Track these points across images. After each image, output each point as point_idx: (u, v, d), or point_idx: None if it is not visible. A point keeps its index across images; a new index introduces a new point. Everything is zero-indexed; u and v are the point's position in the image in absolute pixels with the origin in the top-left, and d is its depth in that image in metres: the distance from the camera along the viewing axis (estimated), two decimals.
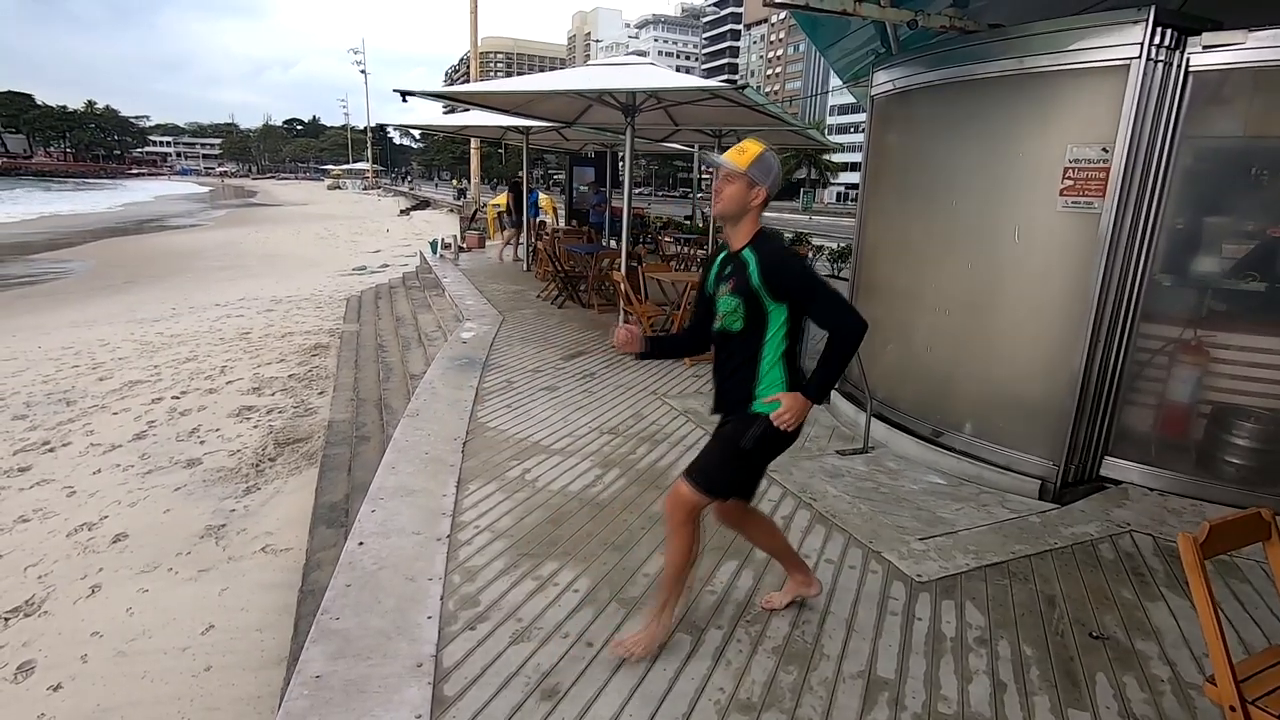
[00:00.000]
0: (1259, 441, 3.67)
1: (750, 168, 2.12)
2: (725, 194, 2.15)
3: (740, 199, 2.14)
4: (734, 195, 2.14)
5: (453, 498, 3.45)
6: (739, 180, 2.13)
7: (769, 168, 2.14)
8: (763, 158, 2.13)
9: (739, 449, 2.21)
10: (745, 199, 2.14)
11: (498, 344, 6.73)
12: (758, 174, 2.13)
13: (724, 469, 2.26)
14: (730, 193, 2.14)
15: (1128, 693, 2.30)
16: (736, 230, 2.21)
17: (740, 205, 2.15)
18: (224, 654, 3.46)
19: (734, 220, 2.19)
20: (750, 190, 2.14)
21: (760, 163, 2.13)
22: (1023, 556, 3.14)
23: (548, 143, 14.56)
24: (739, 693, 2.23)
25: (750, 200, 2.15)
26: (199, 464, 5.73)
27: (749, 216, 2.18)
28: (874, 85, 4.92)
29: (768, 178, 2.14)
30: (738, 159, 2.13)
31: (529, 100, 8.62)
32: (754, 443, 2.18)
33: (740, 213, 2.17)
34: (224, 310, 12.40)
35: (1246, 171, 3.76)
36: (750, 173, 2.12)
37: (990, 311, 4.06)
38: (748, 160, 2.12)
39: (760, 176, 2.13)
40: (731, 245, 2.24)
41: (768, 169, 2.14)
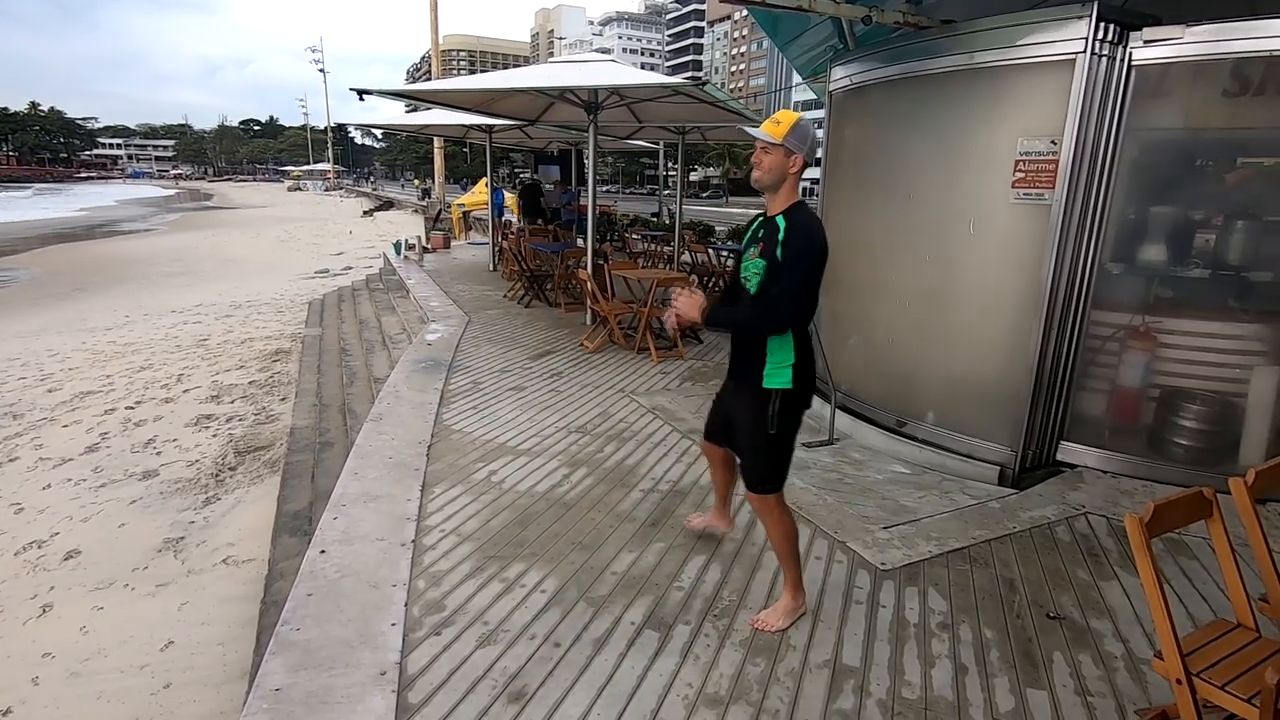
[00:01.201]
0: (1204, 423, 3.80)
1: (787, 137, 2.22)
2: (765, 164, 2.26)
3: (779, 168, 2.25)
4: (773, 164, 2.25)
5: (417, 502, 3.41)
6: (776, 150, 2.24)
7: (805, 134, 2.25)
8: (799, 126, 2.23)
9: (770, 436, 2.37)
10: (784, 167, 2.25)
11: (464, 345, 6.66)
12: (794, 143, 2.23)
13: (773, 463, 2.44)
14: (769, 162, 2.25)
15: (1083, 670, 2.37)
16: (775, 197, 2.31)
17: (779, 174, 2.26)
18: (184, 670, 3.37)
19: (773, 188, 2.29)
20: (788, 159, 2.25)
21: (796, 131, 2.23)
22: (983, 541, 3.21)
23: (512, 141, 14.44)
24: (707, 686, 2.24)
25: (789, 168, 2.26)
26: (155, 475, 5.57)
27: (788, 184, 2.29)
28: (832, 81, 4.97)
29: (804, 145, 2.25)
30: (774, 130, 2.23)
31: (490, 98, 8.53)
32: (777, 423, 2.36)
33: (779, 181, 2.27)
34: (180, 317, 12.06)
35: (1189, 162, 3.89)
36: (787, 142, 2.23)
37: (948, 302, 4.14)
38: (784, 130, 2.23)
39: (797, 145, 2.24)
40: (769, 211, 2.35)
41: (804, 136, 2.25)
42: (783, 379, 2.33)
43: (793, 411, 2.38)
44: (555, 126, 10.77)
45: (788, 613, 2.54)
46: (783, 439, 2.41)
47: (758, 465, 2.46)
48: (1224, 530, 1.97)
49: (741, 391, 2.46)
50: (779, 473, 2.46)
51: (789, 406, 2.36)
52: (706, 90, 6.36)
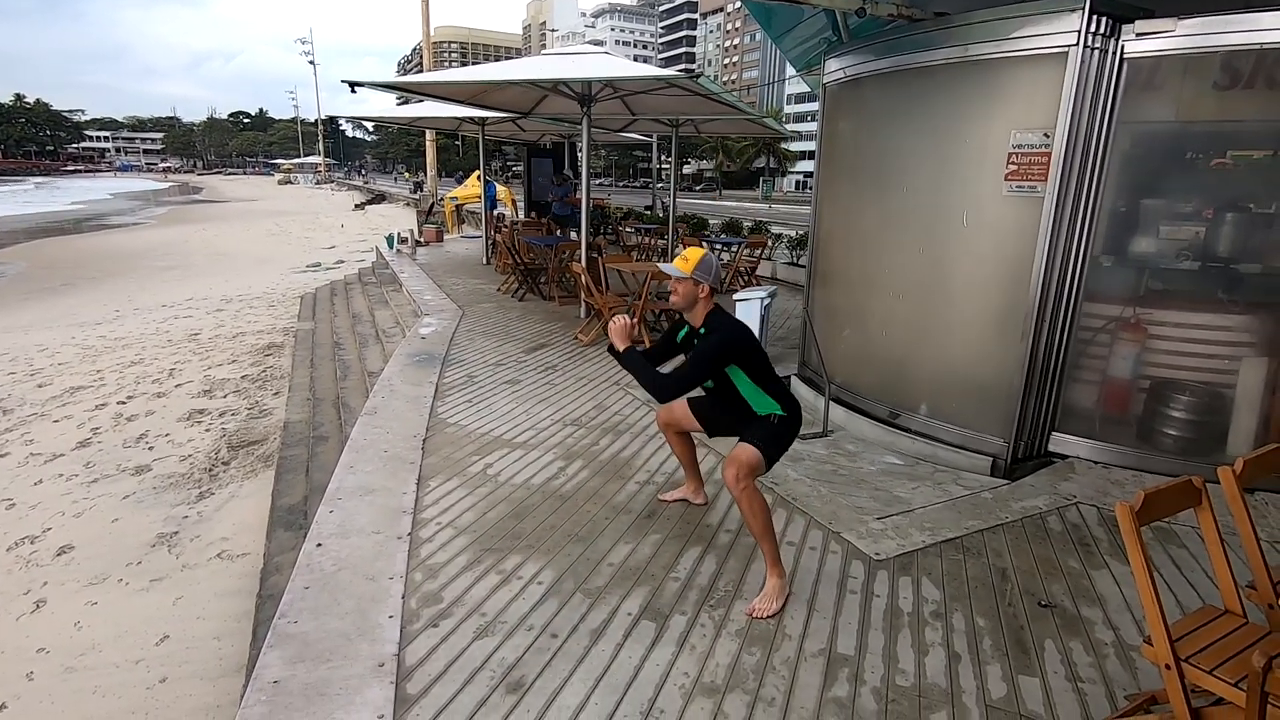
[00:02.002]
0: (1193, 413, 3.84)
1: (695, 271, 2.69)
2: (679, 292, 2.73)
3: (690, 294, 2.73)
4: (686, 293, 2.73)
5: (413, 495, 3.41)
6: (686, 282, 2.71)
7: (709, 267, 2.72)
8: (703, 262, 2.70)
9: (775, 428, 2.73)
10: (694, 293, 2.73)
11: (458, 339, 6.64)
12: (701, 275, 2.70)
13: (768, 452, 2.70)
14: (683, 291, 2.72)
15: (1074, 657, 2.40)
16: (693, 314, 2.79)
17: (691, 299, 2.74)
18: (180, 664, 3.37)
19: (689, 309, 2.78)
20: (697, 287, 2.72)
21: (701, 265, 2.70)
22: (976, 531, 3.24)
23: (504, 134, 14.38)
24: (703, 676, 2.26)
25: (698, 294, 2.73)
26: (148, 470, 5.54)
27: (700, 304, 2.76)
28: (826, 73, 4.97)
29: (709, 275, 2.72)
30: (683, 267, 2.70)
31: (483, 90, 8.48)
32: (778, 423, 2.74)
33: (693, 304, 2.76)
34: (171, 311, 11.99)
35: (1179, 155, 3.91)
36: (695, 275, 2.70)
37: (942, 295, 4.16)
38: (691, 266, 2.69)
39: (703, 276, 2.71)
40: (694, 324, 2.82)
41: (708, 269, 2.71)
42: (774, 409, 2.74)
43: (788, 429, 2.77)
44: (548, 119, 10.72)
45: (779, 593, 2.64)
46: (782, 435, 2.76)
47: (756, 449, 2.65)
48: (1213, 519, 2.00)
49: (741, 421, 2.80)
50: (774, 449, 2.72)
51: (785, 424, 2.75)
52: (700, 82, 6.35)
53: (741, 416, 2.78)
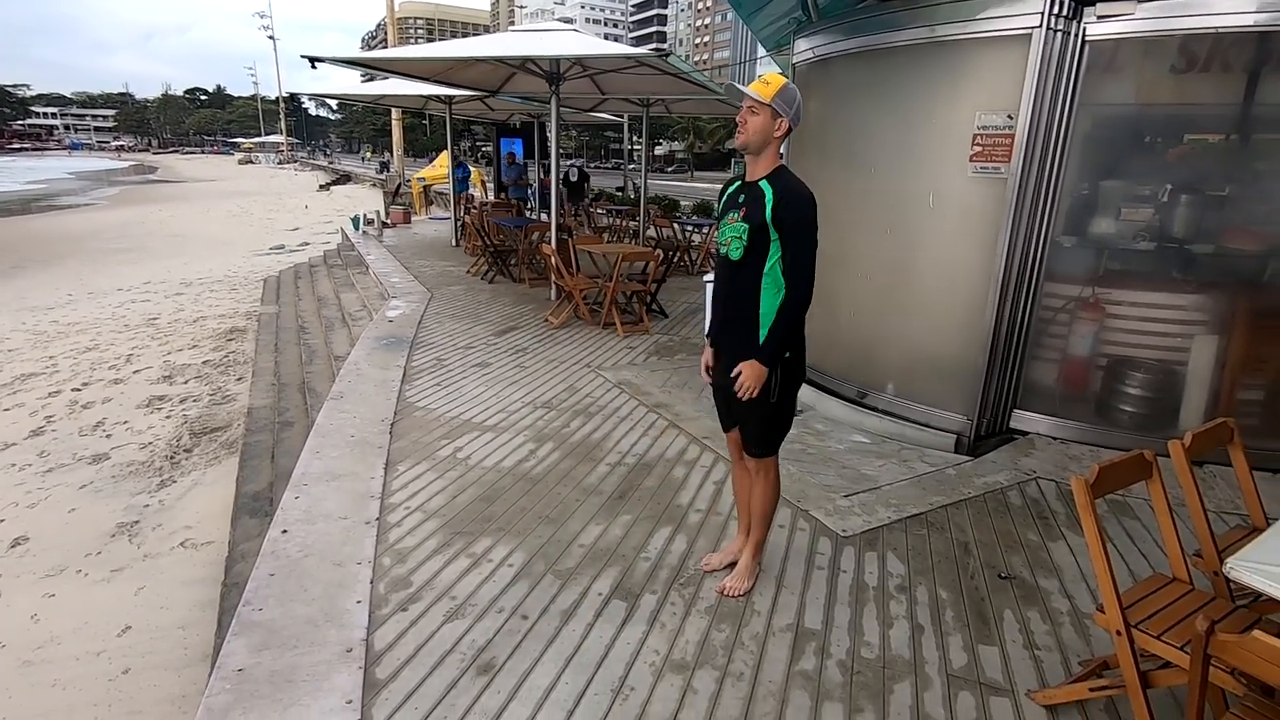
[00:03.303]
0: (1148, 390, 3.96)
1: (775, 99, 2.16)
2: (750, 125, 2.19)
3: (764, 129, 2.19)
4: (759, 126, 2.18)
5: (381, 480, 3.37)
6: (763, 111, 2.17)
7: (792, 98, 2.19)
8: (786, 89, 2.18)
9: (771, 404, 2.36)
10: (769, 129, 2.19)
11: (426, 322, 6.55)
12: (781, 105, 2.17)
13: (774, 428, 2.45)
14: (755, 124, 2.18)
15: (1031, 626, 2.48)
16: (758, 161, 2.25)
17: (764, 136, 2.19)
18: (144, 655, 3.31)
19: (756, 151, 2.23)
20: (774, 121, 2.18)
21: (784, 93, 2.17)
22: (940, 507, 3.32)
23: (472, 112, 14.10)
24: (673, 653, 2.28)
25: (773, 131, 2.20)
26: (106, 459, 5.39)
27: (771, 148, 2.23)
28: (795, 53, 4.96)
29: (790, 108, 2.19)
30: (762, 90, 2.17)
31: (449, 68, 8.30)
32: (778, 392, 2.36)
33: (763, 144, 2.21)
34: (127, 295, 11.61)
35: (1138, 137, 3.99)
36: (775, 103, 2.16)
37: (908, 275, 4.21)
38: (772, 91, 2.16)
39: (784, 107, 2.18)
40: (750, 175, 2.28)
41: (791, 99, 2.19)
42: None
43: (793, 380, 2.40)
44: (517, 98, 10.54)
45: (751, 573, 2.61)
46: (784, 405, 2.42)
47: (760, 432, 2.46)
48: (1163, 490, 2.07)
49: (737, 351, 2.37)
50: (779, 436, 2.49)
51: (789, 376, 2.37)
52: (670, 61, 6.29)
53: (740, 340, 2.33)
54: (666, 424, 4.26)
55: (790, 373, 2.38)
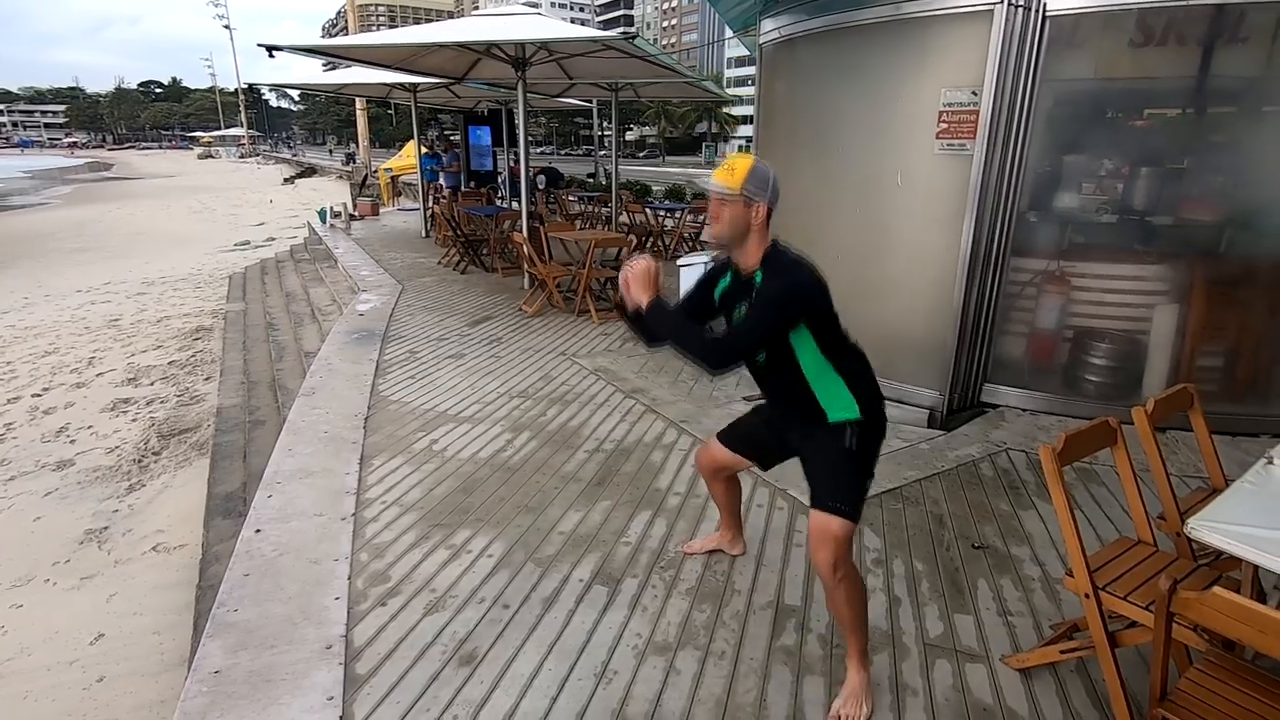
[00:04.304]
0: (1112, 360, 4.06)
1: (744, 186, 1.91)
2: (724, 217, 1.94)
3: (740, 220, 1.93)
4: (733, 218, 1.93)
5: (356, 475, 3.33)
6: (734, 201, 1.92)
7: (764, 179, 1.93)
8: (756, 171, 1.93)
9: (847, 450, 2.00)
10: (745, 219, 1.93)
11: (398, 314, 6.47)
12: (753, 190, 1.92)
13: (852, 481, 2.01)
14: (729, 216, 1.93)
15: (1004, 593, 2.54)
16: (743, 252, 1.99)
17: (740, 227, 1.94)
18: (118, 662, 3.25)
19: (738, 244, 1.97)
20: (749, 209, 1.93)
21: (754, 177, 1.92)
22: (914, 481, 3.37)
23: (439, 100, 13.87)
24: (655, 635, 2.30)
25: (752, 220, 1.94)
26: (71, 465, 5.26)
27: (754, 236, 1.96)
28: (761, 34, 4.94)
29: (765, 191, 1.93)
30: (728, 180, 1.92)
31: (412, 54, 8.14)
32: (856, 443, 2.01)
33: (742, 235, 1.95)
34: (87, 297, 11.28)
35: (1099, 112, 4.05)
36: (745, 191, 1.91)
37: (878, 254, 4.25)
38: (739, 179, 1.91)
39: (757, 192, 1.92)
40: (742, 267, 2.03)
41: (763, 181, 1.93)
42: (850, 410, 2.01)
43: (870, 440, 2.04)
44: (483, 84, 10.39)
45: (866, 691, 2.03)
46: (862, 459, 2.03)
47: (831, 483, 2.02)
48: (1127, 456, 2.12)
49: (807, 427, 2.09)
50: (857, 494, 2.00)
51: (866, 433, 2.03)
52: (637, 44, 6.23)
53: (805, 419, 2.06)
54: (644, 409, 4.27)
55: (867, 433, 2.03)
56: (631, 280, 2.02)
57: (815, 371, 2.01)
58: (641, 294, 2.01)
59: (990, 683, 2.11)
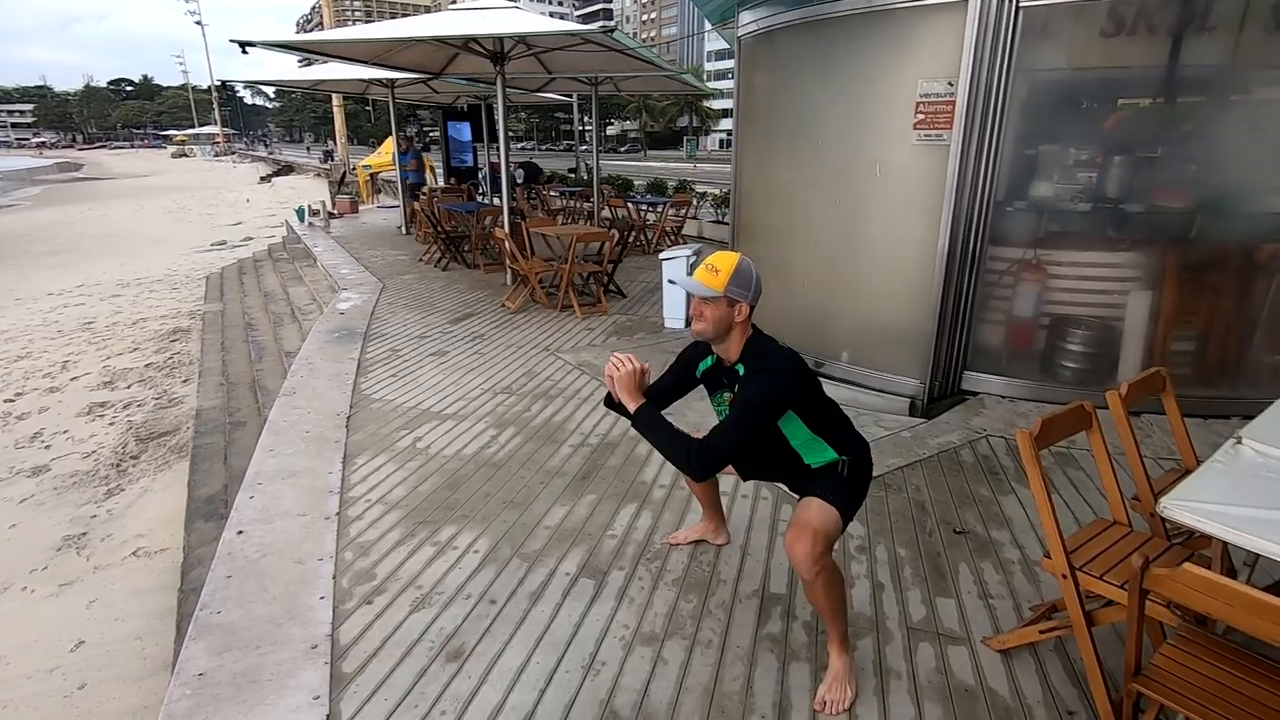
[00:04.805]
0: (1088, 345, 4.12)
1: (728, 287, 1.96)
2: (708, 315, 2.00)
3: (723, 319, 1.99)
4: (716, 317, 1.99)
5: (339, 474, 3.31)
6: (717, 302, 1.98)
7: (748, 279, 1.99)
8: (739, 272, 1.98)
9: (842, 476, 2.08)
10: (729, 318, 2.00)
11: (379, 313, 6.42)
12: (736, 291, 1.97)
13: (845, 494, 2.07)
14: (712, 315, 1.99)
15: (985, 577, 2.58)
16: (726, 346, 2.07)
17: (724, 325, 2.01)
18: (100, 669, 3.21)
19: (721, 340, 2.05)
20: (732, 309, 1.99)
21: (738, 278, 1.97)
22: (896, 469, 3.41)
23: (417, 96, 13.72)
24: (642, 626, 2.31)
25: (735, 318, 2.00)
26: (47, 471, 5.17)
27: (736, 331, 2.03)
28: (740, 26, 4.95)
29: (748, 291, 1.99)
30: (712, 281, 1.96)
31: (388, 49, 8.04)
32: (847, 470, 2.09)
33: (725, 332, 2.02)
34: (59, 300, 11.06)
35: (1073, 101, 4.10)
36: (729, 292, 1.96)
37: (858, 244, 4.28)
38: (723, 280, 1.96)
39: (740, 293, 1.98)
40: (726, 357, 2.10)
41: (746, 281, 1.99)
42: (835, 455, 2.09)
43: (861, 471, 2.13)
44: (461, 79, 10.29)
45: (849, 676, 2.08)
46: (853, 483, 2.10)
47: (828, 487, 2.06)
48: (1102, 439, 2.16)
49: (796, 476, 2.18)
50: (849, 500, 2.06)
51: (856, 466, 2.11)
52: (615, 38, 6.21)
53: (791, 469, 2.15)
54: None
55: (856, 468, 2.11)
56: (617, 385, 2.07)
57: (803, 445, 2.09)
58: (628, 399, 2.07)
59: (972, 664, 2.15)
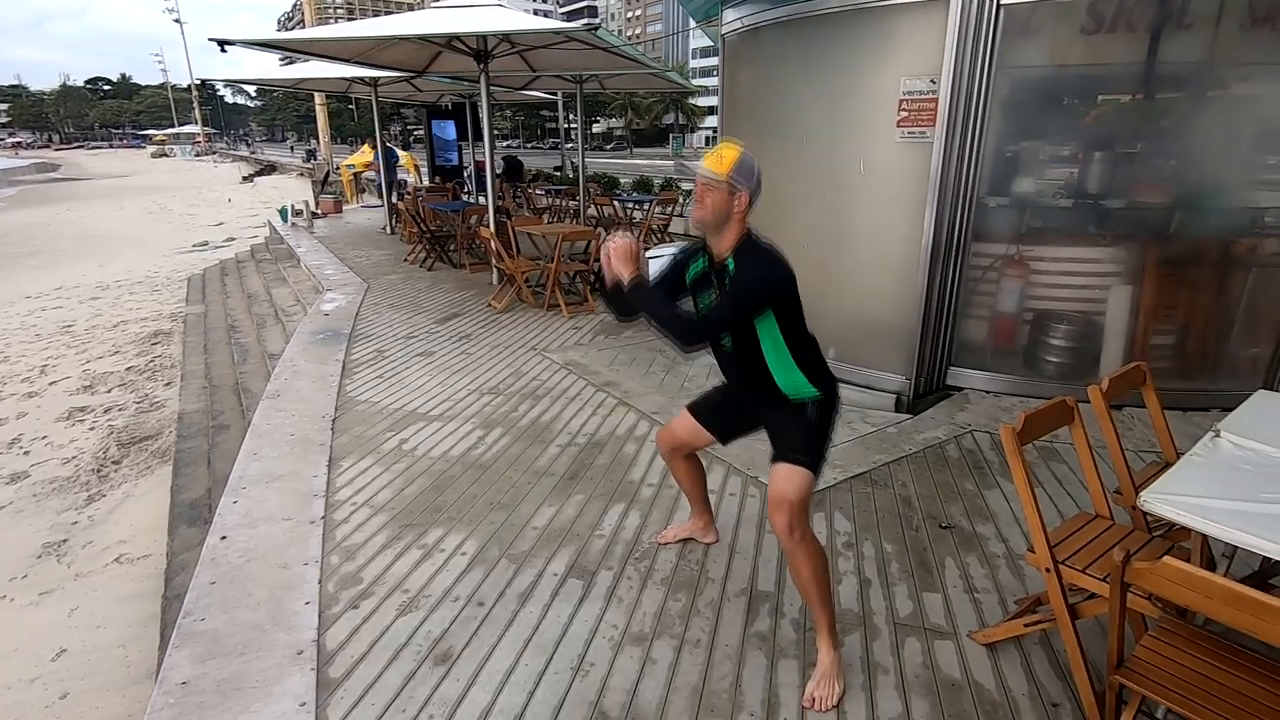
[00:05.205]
0: (1070, 340, 4.17)
1: (731, 174, 2.00)
2: (708, 201, 2.03)
3: (723, 206, 2.02)
4: (716, 204, 2.02)
5: (325, 478, 3.28)
6: (719, 188, 2.01)
7: (750, 170, 2.03)
8: (743, 161, 2.03)
9: (811, 421, 2.14)
10: (728, 206, 2.03)
11: (364, 313, 6.36)
12: (739, 179, 2.01)
13: (815, 446, 2.14)
14: (712, 201, 2.02)
15: (970, 571, 2.60)
16: (720, 238, 2.09)
17: (723, 213, 2.03)
18: (82, 677, 3.16)
19: (717, 229, 2.07)
20: (732, 197, 2.02)
21: (741, 167, 2.02)
22: (882, 465, 3.43)
23: (400, 95, 13.61)
24: (631, 626, 2.31)
25: (733, 207, 2.03)
26: (25, 477, 5.09)
27: (732, 224, 2.06)
28: (724, 23, 4.95)
29: (749, 181, 2.03)
30: (716, 166, 2.01)
31: (371, 48, 7.96)
32: (816, 413, 2.15)
33: (723, 221, 2.05)
34: (37, 303, 10.88)
35: (1054, 98, 4.14)
36: (731, 179, 2.00)
37: (843, 242, 4.30)
38: (727, 167, 2.00)
39: (742, 181, 2.02)
40: (715, 252, 2.13)
41: (749, 172, 2.03)
42: (808, 392, 2.15)
43: (829, 412, 2.18)
44: (445, 78, 10.22)
45: (837, 672, 2.09)
46: (822, 427, 2.17)
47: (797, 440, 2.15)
48: (1084, 433, 2.19)
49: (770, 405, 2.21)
50: (817, 454, 2.15)
51: (824, 408, 2.17)
52: (600, 36, 6.18)
53: (765, 399, 2.19)
54: (615, 402, 4.27)
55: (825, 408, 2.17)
56: (614, 255, 2.11)
57: (775, 358, 2.13)
58: (623, 269, 2.09)
59: (958, 658, 2.17)
